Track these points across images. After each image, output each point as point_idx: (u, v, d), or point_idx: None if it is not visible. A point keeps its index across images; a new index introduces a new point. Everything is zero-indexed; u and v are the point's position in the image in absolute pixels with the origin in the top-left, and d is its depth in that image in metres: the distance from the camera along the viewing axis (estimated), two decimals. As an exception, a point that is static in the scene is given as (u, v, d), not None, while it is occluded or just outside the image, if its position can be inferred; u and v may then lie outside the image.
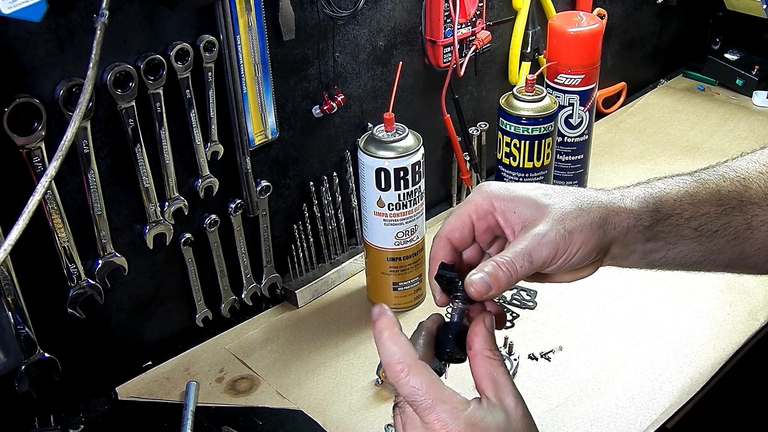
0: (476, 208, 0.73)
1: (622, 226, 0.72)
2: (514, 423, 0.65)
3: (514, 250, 0.69)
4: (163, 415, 0.96)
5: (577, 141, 1.31)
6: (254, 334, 1.09)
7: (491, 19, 1.26)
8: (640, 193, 0.74)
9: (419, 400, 0.65)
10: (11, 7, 0.71)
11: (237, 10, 0.93)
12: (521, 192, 0.72)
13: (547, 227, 0.69)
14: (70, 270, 0.90)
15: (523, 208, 0.72)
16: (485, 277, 0.69)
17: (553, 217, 0.70)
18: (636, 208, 0.73)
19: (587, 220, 0.70)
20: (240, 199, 1.04)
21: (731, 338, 1.03)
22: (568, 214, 0.70)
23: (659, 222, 0.74)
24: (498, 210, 0.73)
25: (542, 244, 0.69)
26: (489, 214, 0.73)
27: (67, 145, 0.74)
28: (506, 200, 0.72)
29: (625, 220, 0.72)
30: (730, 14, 1.65)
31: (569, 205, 0.71)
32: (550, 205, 0.71)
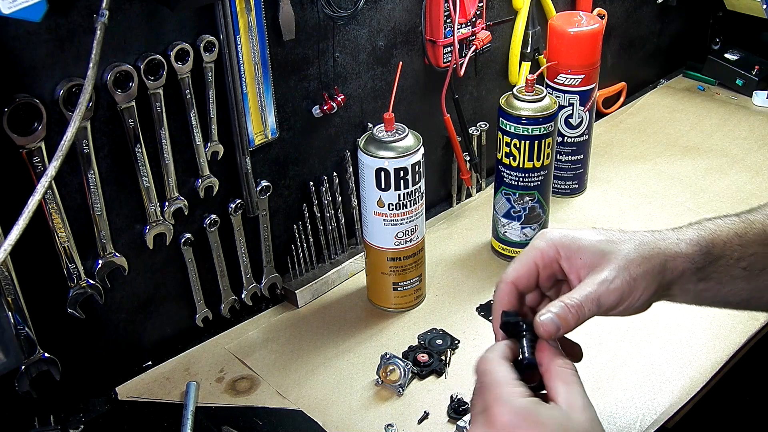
0: (542, 255, 0.77)
1: (678, 270, 0.76)
2: (576, 423, 0.65)
3: (583, 294, 0.73)
4: (163, 415, 0.96)
5: (577, 141, 1.31)
6: (254, 334, 1.09)
7: (491, 19, 1.26)
8: (693, 236, 0.78)
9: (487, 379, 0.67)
10: (11, 7, 0.71)
11: (237, 10, 0.93)
12: (586, 240, 0.76)
13: (613, 274, 0.73)
14: (70, 270, 0.90)
15: (589, 255, 0.75)
16: (554, 318, 0.71)
17: (618, 264, 0.74)
18: (690, 252, 0.77)
19: (649, 268, 0.75)
20: (240, 199, 1.04)
21: (731, 338, 1.03)
22: (632, 261, 0.74)
23: (711, 264, 0.78)
24: (563, 257, 0.76)
25: (609, 291, 0.73)
26: (554, 262, 0.77)
27: (67, 145, 0.74)
28: (572, 249, 0.76)
29: (681, 265, 0.76)
30: (730, 14, 1.65)
31: (632, 252, 0.75)
32: (614, 252, 0.75)
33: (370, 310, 1.12)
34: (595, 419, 0.66)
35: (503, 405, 0.65)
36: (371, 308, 1.13)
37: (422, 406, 0.95)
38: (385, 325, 1.09)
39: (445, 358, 1.02)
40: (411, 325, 1.09)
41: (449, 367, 1.01)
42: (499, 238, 1.20)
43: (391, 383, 0.98)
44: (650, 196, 1.35)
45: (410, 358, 1.01)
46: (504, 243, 1.20)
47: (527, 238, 1.18)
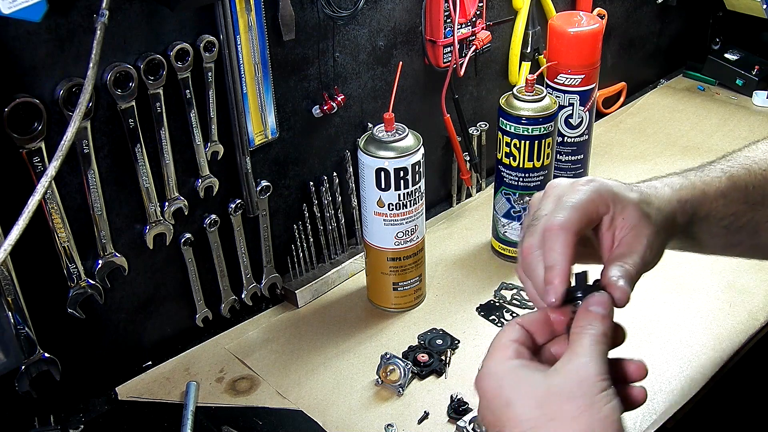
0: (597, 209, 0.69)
1: (676, 231, 0.73)
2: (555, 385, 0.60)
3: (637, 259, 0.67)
4: (163, 415, 0.96)
5: (577, 141, 1.31)
6: (254, 334, 1.09)
7: (491, 19, 1.26)
8: (685, 194, 0.75)
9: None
10: (11, 7, 0.71)
11: (237, 10, 0.93)
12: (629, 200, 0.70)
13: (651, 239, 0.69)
14: (70, 270, 0.90)
15: (631, 217, 0.69)
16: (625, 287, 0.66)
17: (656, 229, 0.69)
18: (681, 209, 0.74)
19: (671, 232, 0.72)
20: (240, 199, 1.04)
21: (731, 338, 1.03)
22: (661, 228, 0.70)
23: (695, 224, 0.76)
24: (609, 213, 0.69)
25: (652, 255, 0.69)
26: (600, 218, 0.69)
27: (67, 145, 0.74)
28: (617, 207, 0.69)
29: (679, 224, 0.74)
30: (730, 14, 1.65)
31: (659, 215, 0.71)
32: (650, 215, 0.70)
33: (370, 310, 1.12)
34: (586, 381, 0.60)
35: (485, 370, 0.62)
36: (371, 308, 1.13)
37: (422, 406, 0.95)
38: (385, 325, 1.09)
39: (445, 358, 1.02)
40: (411, 325, 1.09)
41: (449, 367, 1.01)
42: (499, 238, 1.20)
43: (391, 383, 0.98)
44: (650, 196, 1.34)
45: (410, 358, 1.01)
46: (504, 243, 1.20)
47: (527, 238, 1.17)
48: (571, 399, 0.59)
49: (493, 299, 1.12)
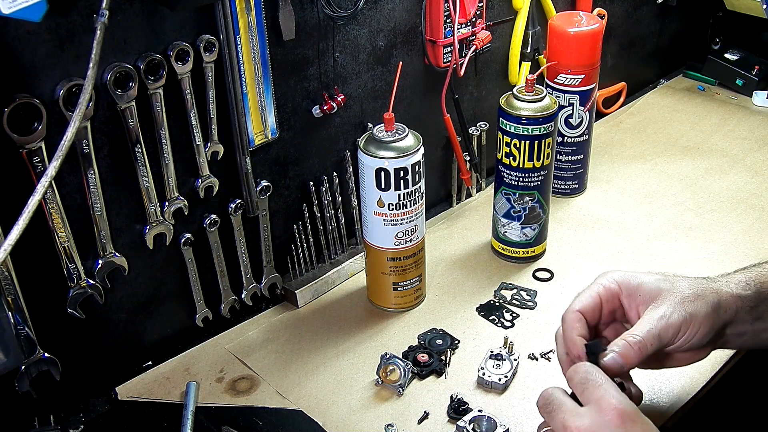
0: (605, 290, 0.84)
1: (731, 309, 0.82)
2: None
3: (645, 330, 0.79)
4: (163, 415, 0.96)
5: (577, 141, 1.31)
6: (254, 334, 1.09)
7: (491, 19, 1.26)
8: (741, 278, 0.84)
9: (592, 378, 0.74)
10: (11, 7, 0.71)
11: (237, 10, 0.93)
12: (644, 278, 0.83)
13: (671, 309, 0.79)
14: (70, 270, 0.90)
15: (647, 292, 0.82)
16: (616, 357, 0.78)
17: (674, 300, 0.80)
18: (741, 293, 0.83)
19: (703, 305, 0.80)
20: (240, 199, 1.04)
21: (731, 338, 1.03)
22: (686, 297, 0.80)
23: (763, 301, 0.83)
24: (624, 294, 0.83)
25: (668, 325, 0.79)
26: (616, 297, 0.84)
27: (67, 145, 0.74)
28: (632, 285, 0.83)
29: (734, 304, 0.82)
30: (730, 14, 1.65)
31: (687, 289, 0.81)
32: (670, 289, 0.81)
33: (370, 310, 1.12)
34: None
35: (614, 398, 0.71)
36: (371, 308, 1.13)
37: (422, 406, 0.95)
38: (385, 325, 1.09)
39: (445, 358, 1.02)
40: (411, 325, 1.09)
41: (449, 367, 1.01)
42: (499, 238, 1.20)
43: (391, 383, 0.98)
44: (650, 196, 1.35)
45: (410, 358, 1.01)
46: (504, 243, 1.20)
47: (527, 238, 1.18)
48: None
49: (493, 299, 1.12)
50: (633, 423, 0.69)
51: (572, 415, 0.71)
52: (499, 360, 0.98)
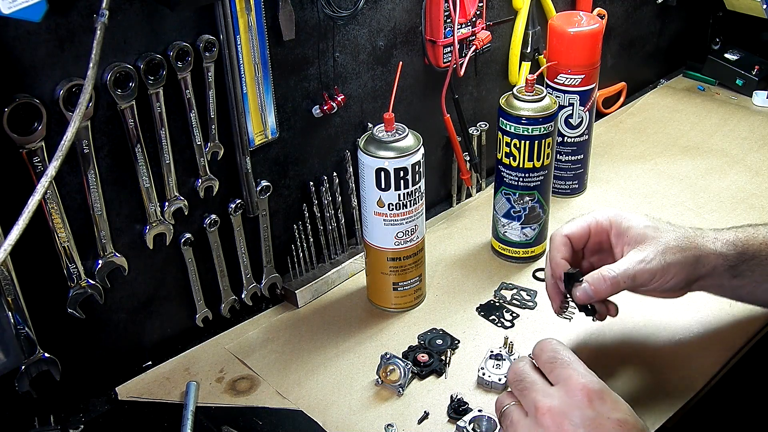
0: (597, 223, 0.90)
1: (710, 266, 0.88)
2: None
3: (622, 269, 0.85)
4: (163, 415, 0.96)
5: (577, 141, 1.31)
6: (254, 334, 1.09)
7: (491, 19, 1.26)
8: (731, 236, 0.90)
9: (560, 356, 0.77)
10: (11, 7, 0.71)
11: (237, 10, 0.93)
12: (635, 221, 0.89)
13: (651, 255, 0.86)
14: (70, 270, 0.90)
15: (634, 235, 0.88)
16: (588, 289, 0.86)
17: (658, 249, 0.86)
18: (724, 251, 0.88)
19: (683, 258, 0.86)
20: (240, 199, 1.04)
21: (731, 338, 1.03)
22: (669, 248, 0.86)
23: (744, 262, 0.89)
24: (614, 232, 0.89)
25: (645, 270, 0.85)
26: (605, 232, 0.90)
27: (67, 145, 0.74)
28: (622, 226, 0.89)
29: (714, 261, 0.88)
30: (730, 14, 1.65)
31: (672, 241, 0.87)
32: (656, 237, 0.87)
33: (370, 310, 1.12)
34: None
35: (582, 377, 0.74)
36: (371, 308, 1.13)
37: (422, 406, 0.95)
38: (385, 325, 1.09)
39: (445, 358, 1.02)
40: (411, 325, 1.09)
41: (449, 367, 1.01)
42: (499, 238, 1.20)
43: (391, 383, 0.98)
44: (650, 196, 1.35)
45: (410, 358, 1.01)
46: (504, 243, 1.20)
47: (527, 238, 1.18)
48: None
49: (493, 299, 1.12)
50: (602, 401, 0.72)
51: (543, 395, 0.74)
52: (499, 360, 0.98)
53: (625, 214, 0.91)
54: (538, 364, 0.78)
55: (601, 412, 0.71)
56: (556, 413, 0.72)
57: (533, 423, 0.73)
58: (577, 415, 0.71)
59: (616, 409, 0.72)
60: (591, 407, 0.71)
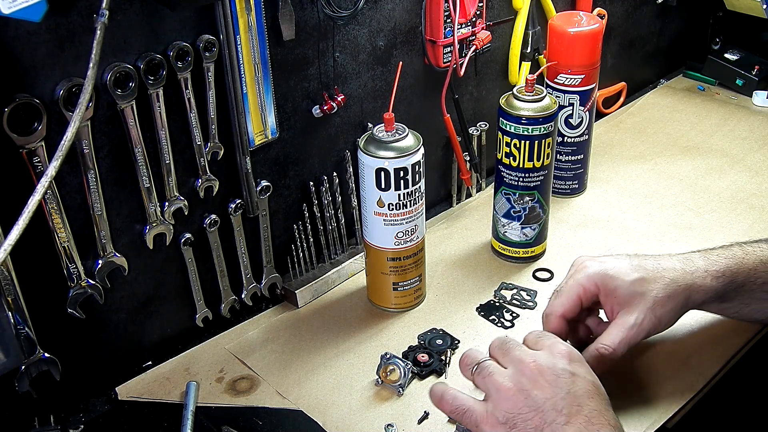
0: (584, 291, 0.92)
1: (700, 300, 0.92)
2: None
3: (616, 340, 0.88)
4: (163, 415, 0.96)
5: (577, 141, 1.31)
6: (254, 334, 1.09)
7: (491, 19, 1.26)
8: (721, 267, 0.92)
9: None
10: (11, 7, 0.71)
11: (237, 10, 0.93)
12: (620, 280, 0.90)
13: (642, 316, 0.88)
14: (70, 270, 0.90)
15: (622, 295, 0.90)
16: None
17: (647, 306, 0.89)
18: (714, 285, 0.91)
19: (673, 305, 0.90)
20: (240, 199, 1.04)
21: (731, 338, 1.03)
22: (658, 302, 0.89)
23: (734, 290, 0.93)
24: (602, 293, 0.91)
25: (639, 332, 0.89)
26: (593, 295, 0.92)
27: (67, 145, 0.74)
28: (609, 287, 0.90)
29: (704, 296, 0.91)
30: (730, 14, 1.65)
31: (660, 292, 0.89)
32: (644, 294, 0.89)
33: (370, 310, 1.12)
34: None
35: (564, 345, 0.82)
36: (371, 308, 1.13)
37: (422, 406, 0.95)
38: (385, 325, 1.09)
39: (445, 358, 1.02)
40: (411, 325, 1.09)
41: (449, 367, 1.01)
42: (499, 238, 1.20)
43: (391, 383, 0.98)
44: (650, 196, 1.35)
45: (410, 358, 1.01)
46: (504, 243, 1.20)
47: (527, 238, 1.18)
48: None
49: (493, 299, 1.12)
50: (580, 363, 0.80)
51: (527, 353, 0.81)
52: (499, 360, 0.98)
53: (611, 271, 0.91)
54: (525, 340, 0.85)
55: (579, 371, 0.79)
56: (538, 364, 0.79)
57: (514, 371, 0.79)
58: (558, 367, 0.78)
59: (590, 373, 0.80)
60: (571, 365, 0.79)
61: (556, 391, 0.77)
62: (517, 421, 0.77)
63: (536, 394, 0.77)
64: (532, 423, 0.76)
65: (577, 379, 0.78)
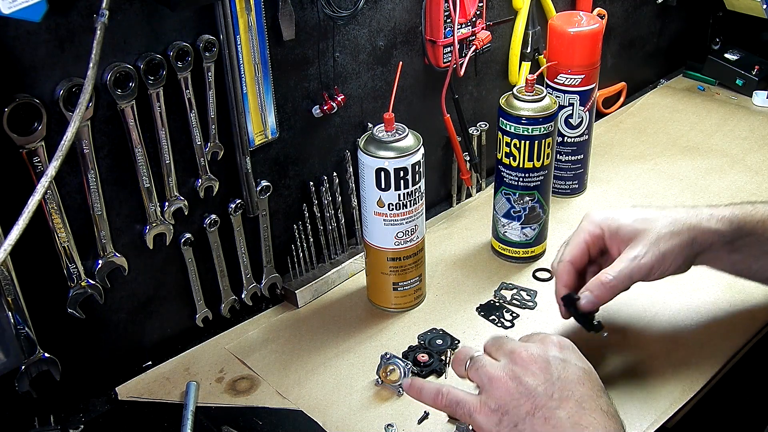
0: (591, 235, 0.94)
1: (707, 243, 0.90)
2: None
3: (617, 271, 0.89)
4: (163, 415, 0.96)
5: (577, 141, 1.31)
6: (254, 334, 1.09)
7: (491, 19, 1.26)
8: (727, 213, 0.91)
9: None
10: (11, 7, 0.71)
11: (237, 10, 0.93)
12: (623, 219, 0.92)
13: (644, 250, 0.89)
14: (70, 270, 0.90)
15: (625, 233, 0.91)
16: (591, 297, 0.90)
17: (650, 240, 0.89)
18: (720, 228, 0.90)
19: (677, 242, 0.89)
20: (240, 199, 1.04)
21: (731, 338, 1.03)
22: (662, 237, 0.89)
23: (741, 238, 0.91)
24: (607, 236, 0.93)
25: (640, 266, 0.89)
26: (600, 239, 0.94)
27: (67, 145, 0.74)
28: (612, 228, 0.92)
29: (710, 238, 0.90)
30: (730, 14, 1.65)
31: (663, 228, 0.89)
32: (647, 230, 0.90)
33: (370, 310, 1.12)
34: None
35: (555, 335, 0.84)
36: (371, 308, 1.13)
37: (422, 406, 0.94)
38: (385, 325, 1.09)
39: (445, 358, 1.02)
40: (411, 325, 1.09)
41: (449, 367, 1.01)
42: (499, 238, 1.20)
43: (391, 383, 0.98)
44: (650, 196, 1.35)
45: (410, 358, 1.01)
46: (504, 243, 1.20)
47: (527, 238, 1.18)
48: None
49: (493, 299, 1.12)
50: (572, 351, 0.81)
51: (520, 345, 0.82)
52: (499, 360, 0.98)
53: (614, 214, 0.94)
54: (519, 339, 0.86)
55: (570, 358, 0.80)
56: (530, 354, 0.80)
57: (506, 362, 0.81)
58: (550, 355, 0.80)
59: (582, 361, 0.81)
60: (562, 353, 0.80)
61: (548, 377, 0.78)
62: (509, 407, 0.77)
63: (528, 381, 0.78)
64: (524, 408, 0.76)
65: (569, 366, 0.79)
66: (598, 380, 0.80)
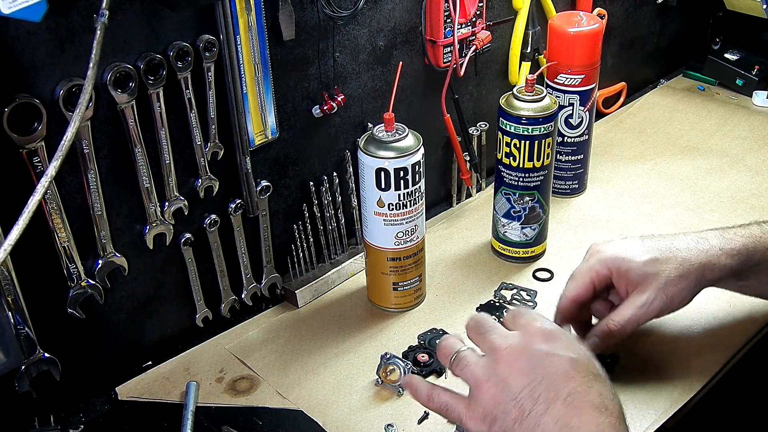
0: (597, 275, 0.93)
1: (715, 278, 0.91)
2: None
3: (625, 317, 0.89)
4: (163, 415, 0.96)
5: (577, 141, 1.31)
6: (254, 334, 1.09)
7: (491, 19, 1.26)
8: (737, 245, 0.91)
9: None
10: (11, 7, 0.71)
11: (237, 10, 0.93)
12: (633, 261, 0.91)
13: (653, 296, 0.89)
14: (70, 270, 0.90)
15: (634, 276, 0.90)
16: (597, 342, 0.90)
17: (658, 285, 0.89)
18: (729, 263, 0.91)
19: (686, 284, 0.90)
20: (240, 199, 1.04)
21: (731, 338, 1.03)
22: (671, 281, 0.89)
23: (750, 268, 0.92)
24: (614, 276, 0.92)
25: (649, 312, 0.89)
26: (606, 279, 0.93)
27: (67, 145, 0.74)
28: (621, 270, 0.91)
29: (719, 274, 0.91)
30: (730, 14, 1.65)
31: (673, 272, 0.89)
32: (656, 274, 0.89)
33: (370, 310, 1.12)
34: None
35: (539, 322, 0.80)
36: (371, 308, 1.13)
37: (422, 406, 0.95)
38: (385, 325, 1.09)
39: (445, 358, 1.01)
40: (411, 325, 1.09)
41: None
42: (499, 238, 1.20)
43: (391, 383, 0.98)
44: (650, 196, 1.35)
45: (410, 358, 1.01)
46: (504, 243, 1.20)
47: (527, 238, 1.18)
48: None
49: (493, 299, 1.12)
50: (557, 339, 0.77)
51: (501, 337, 0.78)
52: (499, 360, 0.98)
53: (623, 253, 0.92)
54: (505, 324, 0.82)
55: (555, 348, 0.76)
56: (512, 350, 0.76)
57: (489, 360, 0.77)
58: (533, 348, 0.76)
59: (569, 348, 0.76)
60: (546, 343, 0.76)
61: (533, 377, 0.74)
62: (496, 414, 0.75)
63: (512, 384, 0.74)
64: (512, 415, 0.74)
65: (554, 359, 0.75)
66: (588, 367, 0.75)
